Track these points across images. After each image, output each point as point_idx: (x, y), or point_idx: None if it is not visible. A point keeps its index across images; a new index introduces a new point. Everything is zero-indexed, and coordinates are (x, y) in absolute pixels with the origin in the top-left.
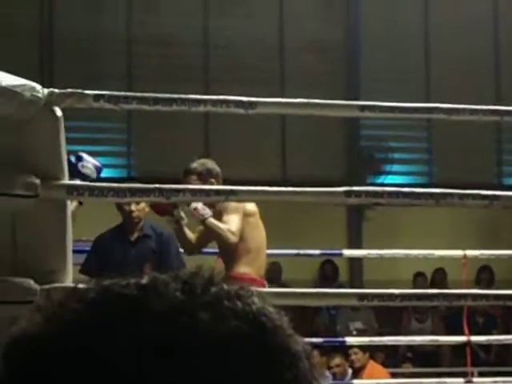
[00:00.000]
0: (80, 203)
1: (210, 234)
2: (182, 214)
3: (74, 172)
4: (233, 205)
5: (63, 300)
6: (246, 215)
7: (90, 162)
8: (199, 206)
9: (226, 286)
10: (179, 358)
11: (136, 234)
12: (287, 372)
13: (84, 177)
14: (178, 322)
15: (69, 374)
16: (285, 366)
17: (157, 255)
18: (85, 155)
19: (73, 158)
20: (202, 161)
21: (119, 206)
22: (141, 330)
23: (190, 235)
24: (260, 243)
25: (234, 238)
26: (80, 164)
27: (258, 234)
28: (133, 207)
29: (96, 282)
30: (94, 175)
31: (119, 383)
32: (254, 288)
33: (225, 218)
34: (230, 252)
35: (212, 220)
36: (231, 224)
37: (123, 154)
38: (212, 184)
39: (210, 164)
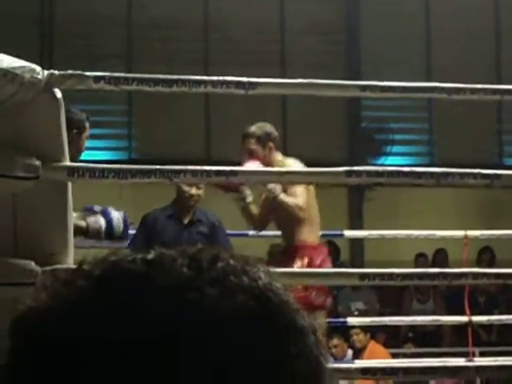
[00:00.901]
0: None
1: (275, 209)
2: (248, 191)
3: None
4: None
5: (69, 277)
6: (307, 186)
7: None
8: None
9: (232, 262)
10: (186, 333)
11: (188, 218)
12: (294, 347)
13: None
14: (185, 298)
15: (72, 352)
16: (291, 340)
17: (207, 241)
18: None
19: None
20: (260, 124)
21: (179, 188)
22: (147, 306)
23: (256, 212)
24: (317, 212)
25: (302, 213)
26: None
27: (315, 203)
28: (193, 191)
29: (102, 258)
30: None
31: (124, 360)
32: (260, 264)
33: (290, 190)
34: (296, 223)
35: (283, 197)
36: (299, 198)
37: (124, 136)
38: (270, 148)
39: (268, 127)
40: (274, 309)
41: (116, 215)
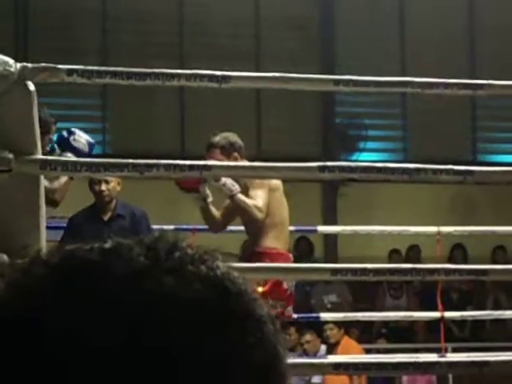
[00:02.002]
0: (71, 178)
1: (235, 210)
2: (208, 192)
3: (66, 146)
4: (258, 180)
5: (25, 266)
6: (272, 190)
7: (82, 137)
8: (228, 181)
9: (190, 251)
10: (143, 323)
11: (109, 214)
12: (251, 336)
13: (76, 150)
14: (142, 287)
15: (22, 341)
16: (249, 330)
17: (128, 234)
18: (77, 130)
19: (64, 133)
20: (225, 134)
21: (90, 186)
22: (103, 294)
23: (216, 213)
24: (285, 217)
25: (260, 214)
26: (72, 138)
27: (284, 208)
28: (103, 187)
29: (59, 247)
30: (86, 149)
31: (78, 350)
32: (218, 254)
33: (251, 192)
34: (257, 227)
35: (240, 196)
36: (258, 199)
37: (98, 130)
38: (235, 158)
39: (232, 137)
40: (231, 298)
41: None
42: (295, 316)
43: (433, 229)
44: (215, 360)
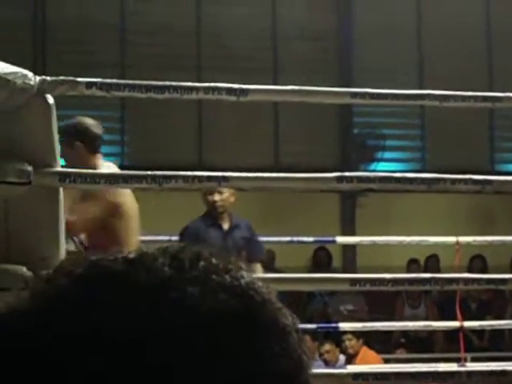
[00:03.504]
0: None
1: None
2: None
3: None
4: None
5: (50, 276)
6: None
7: None
8: None
9: (214, 260)
10: (167, 333)
11: (228, 223)
12: (276, 345)
13: None
14: (166, 297)
15: (46, 350)
16: (274, 339)
17: (247, 243)
18: None
19: None
20: (75, 119)
21: (204, 196)
22: (128, 305)
23: None
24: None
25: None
26: None
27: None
28: (216, 197)
29: (84, 258)
30: None
31: (100, 359)
32: (242, 263)
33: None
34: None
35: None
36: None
37: (116, 142)
38: (79, 148)
39: (80, 123)
40: (256, 307)
41: None
42: (314, 326)
43: (451, 239)
44: (239, 370)
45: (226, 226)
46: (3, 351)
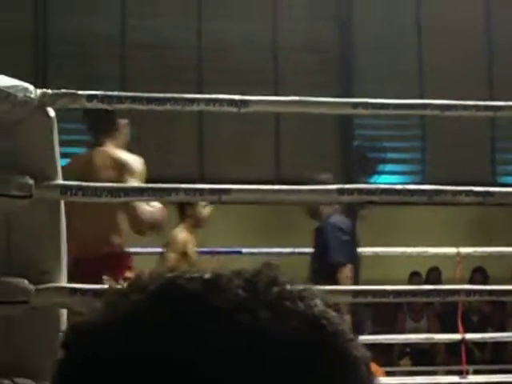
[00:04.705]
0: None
1: None
2: None
3: None
4: None
5: (126, 290)
6: None
7: None
8: None
9: (289, 286)
10: (237, 356)
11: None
12: (346, 378)
13: None
14: (237, 320)
15: (117, 367)
16: (344, 371)
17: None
18: None
19: None
20: None
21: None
22: (200, 325)
23: None
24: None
25: None
26: None
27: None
28: None
29: (160, 273)
30: None
31: (171, 379)
32: (317, 291)
33: None
34: None
35: None
36: None
37: None
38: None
39: None
40: (327, 337)
41: None
42: None
43: (452, 250)
44: None
45: None
46: (80, 369)
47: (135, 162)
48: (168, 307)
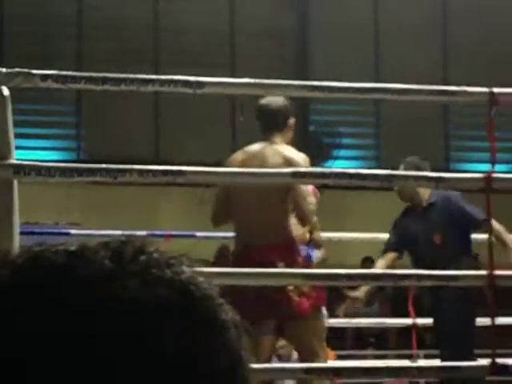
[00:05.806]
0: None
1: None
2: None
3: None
4: None
5: None
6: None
7: None
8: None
9: (156, 255)
10: (104, 326)
11: (422, 205)
12: (214, 341)
13: None
14: (105, 290)
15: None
16: (212, 335)
17: (446, 221)
18: None
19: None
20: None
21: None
22: (65, 296)
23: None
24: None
25: None
26: None
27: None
28: None
29: (27, 248)
30: None
31: (37, 354)
32: (185, 258)
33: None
34: None
35: None
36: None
37: (72, 136)
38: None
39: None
40: (195, 302)
41: None
42: None
43: None
44: (178, 366)
45: (419, 208)
46: None
47: (304, 160)
48: (33, 280)
